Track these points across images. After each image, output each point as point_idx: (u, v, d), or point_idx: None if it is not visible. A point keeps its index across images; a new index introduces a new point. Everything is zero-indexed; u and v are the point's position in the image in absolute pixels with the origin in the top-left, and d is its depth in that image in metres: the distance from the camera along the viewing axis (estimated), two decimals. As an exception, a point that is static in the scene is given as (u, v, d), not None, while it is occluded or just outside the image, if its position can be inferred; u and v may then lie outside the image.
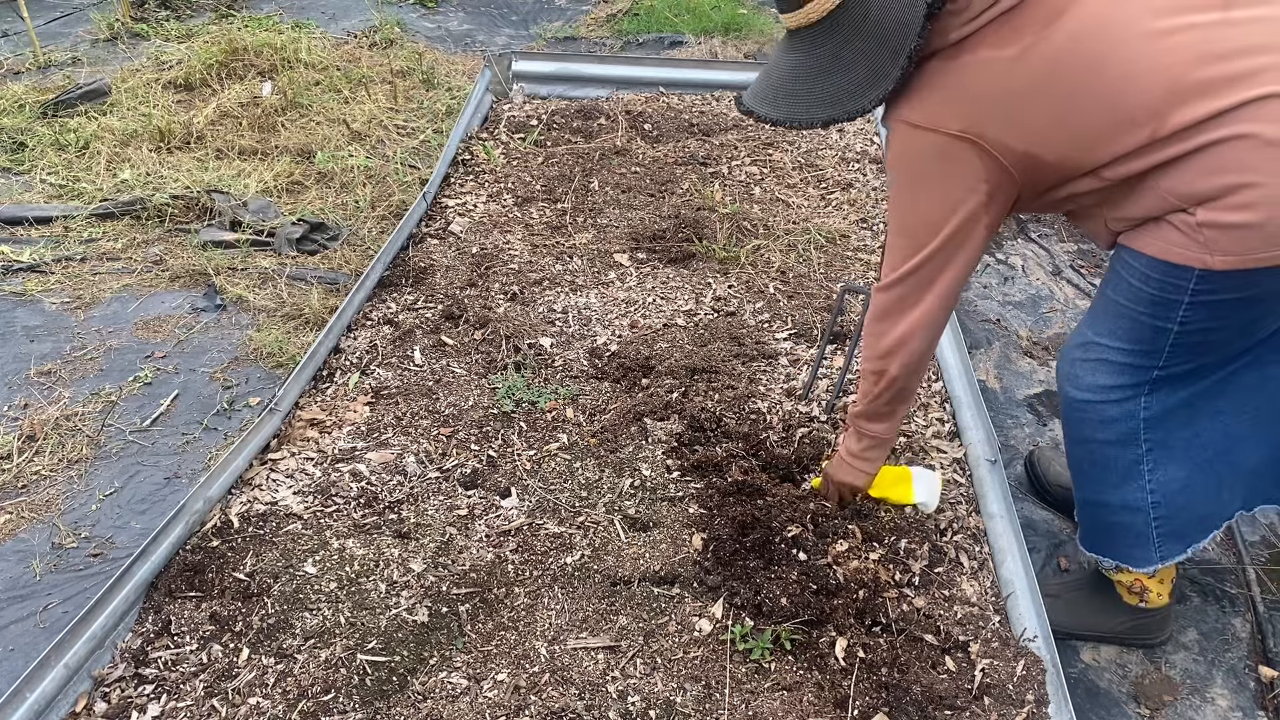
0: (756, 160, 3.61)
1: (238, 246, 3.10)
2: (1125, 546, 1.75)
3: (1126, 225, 1.49)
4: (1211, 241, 1.36)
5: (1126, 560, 1.76)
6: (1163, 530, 1.70)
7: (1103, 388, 1.61)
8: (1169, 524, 1.69)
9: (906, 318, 1.64)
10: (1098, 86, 1.35)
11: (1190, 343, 1.50)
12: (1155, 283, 1.46)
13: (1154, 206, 1.41)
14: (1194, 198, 1.36)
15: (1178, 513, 1.68)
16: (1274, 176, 1.30)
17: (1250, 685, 1.82)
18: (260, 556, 1.87)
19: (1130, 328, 1.54)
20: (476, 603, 1.80)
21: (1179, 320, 1.47)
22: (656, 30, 5.33)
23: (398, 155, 3.67)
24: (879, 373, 1.72)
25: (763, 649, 1.69)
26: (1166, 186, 1.38)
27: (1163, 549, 1.73)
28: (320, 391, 2.39)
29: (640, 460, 2.15)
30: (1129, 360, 1.56)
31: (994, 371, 2.69)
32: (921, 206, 1.54)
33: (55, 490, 2.16)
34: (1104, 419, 1.63)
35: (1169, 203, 1.39)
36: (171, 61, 4.46)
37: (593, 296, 2.78)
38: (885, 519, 1.98)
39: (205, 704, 1.61)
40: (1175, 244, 1.41)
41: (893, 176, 1.57)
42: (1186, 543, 1.72)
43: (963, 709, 1.62)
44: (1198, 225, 1.37)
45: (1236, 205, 1.33)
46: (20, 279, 2.92)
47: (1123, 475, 1.67)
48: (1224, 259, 1.36)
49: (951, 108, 1.43)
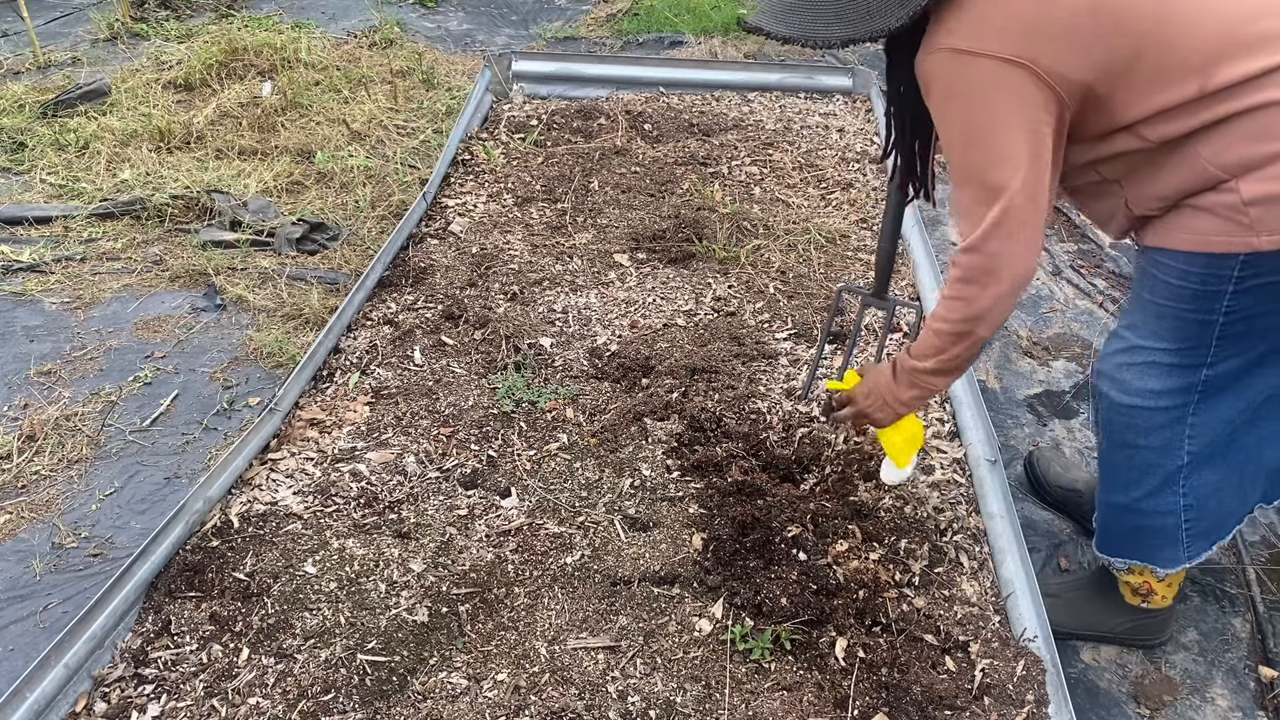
0: (756, 160, 3.61)
1: (238, 246, 3.10)
2: (1154, 549, 1.72)
3: (1151, 207, 1.43)
4: (1258, 221, 1.30)
5: (1154, 561, 1.73)
6: (1192, 531, 1.67)
7: (1153, 392, 1.56)
8: (1198, 525, 1.67)
9: (1001, 276, 1.44)
10: (1156, 25, 1.28)
11: (1235, 333, 1.45)
12: (1196, 277, 1.41)
13: (1189, 180, 1.35)
14: (1239, 166, 1.30)
15: (1208, 514, 1.66)
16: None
17: (1250, 685, 1.82)
18: (260, 556, 1.87)
19: (1174, 327, 1.49)
20: (476, 603, 1.80)
21: (1224, 310, 1.42)
22: (656, 30, 5.33)
23: (398, 155, 3.67)
24: (962, 334, 1.54)
25: (763, 649, 1.69)
26: (1209, 154, 1.32)
27: (1190, 549, 1.70)
28: (320, 391, 2.39)
29: (640, 460, 2.15)
30: (1177, 360, 1.52)
31: (994, 371, 2.69)
32: (991, 143, 1.37)
33: (55, 490, 2.16)
34: (1150, 426, 1.59)
35: (1209, 174, 1.33)
36: (171, 61, 4.46)
37: (593, 296, 2.78)
38: (885, 519, 1.98)
39: (205, 704, 1.61)
40: (1213, 232, 1.36)
41: (947, 118, 1.40)
42: (1212, 540, 1.70)
43: (963, 709, 1.62)
44: (1243, 204, 1.31)
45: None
46: (20, 279, 2.92)
47: (1161, 481, 1.64)
48: (1271, 238, 1.31)
49: (1000, 33, 1.30)
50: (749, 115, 4.04)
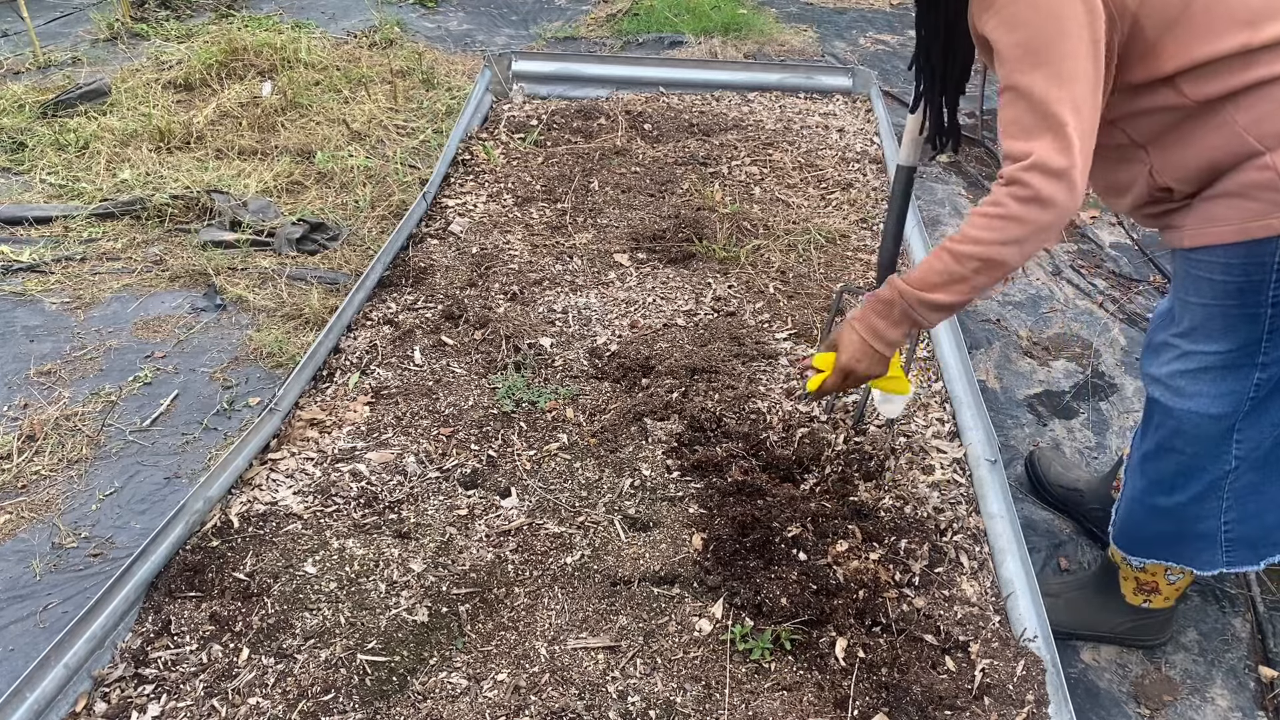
0: (756, 160, 3.61)
1: (238, 246, 3.10)
2: (1193, 552, 1.69)
3: (1176, 177, 1.40)
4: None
5: (1192, 564, 1.70)
6: (1232, 535, 1.64)
7: (1208, 397, 1.53)
8: (1239, 529, 1.64)
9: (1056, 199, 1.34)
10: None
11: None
12: (1238, 269, 1.39)
13: (1221, 151, 1.33)
14: (1276, 138, 1.29)
15: (1249, 518, 1.63)
16: None
17: (1250, 685, 1.82)
18: (260, 556, 1.87)
19: (1223, 327, 1.47)
20: (476, 603, 1.80)
21: (1271, 302, 1.39)
22: (656, 30, 5.33)
23: (398, 155, 3.67)
24: (993, 261, 1.43)
25: (763, 649, 1.69)
26: (1246, 121, 1.30)
27: (1231, 554, 1.66)
28: (320, 391, 2.39)
29: (640, 460, 2.15)
30: (1229, 363, 1.49)
31: (994, 371, 2.69)
32: (1053, 54, 1.30)
33: (55, 490, 2.16)
34: (1201, 432, 1.57)
35: (1243, 145, 1.31)
36: (171, 61, 4.46)
37: (593, 296, 2.78)
38: (885, 519, 1.98)
39: (205, 704, 1.61)
40: (1249, 218, 1.34)
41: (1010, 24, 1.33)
42: (1260, 554, 1.65)
43: (963, 709, 1.62)
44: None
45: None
46: (20, 279, 2.92)
47: (1207, 486, 1.61)
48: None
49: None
50: (749, 115, 4.04)
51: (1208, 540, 1.66)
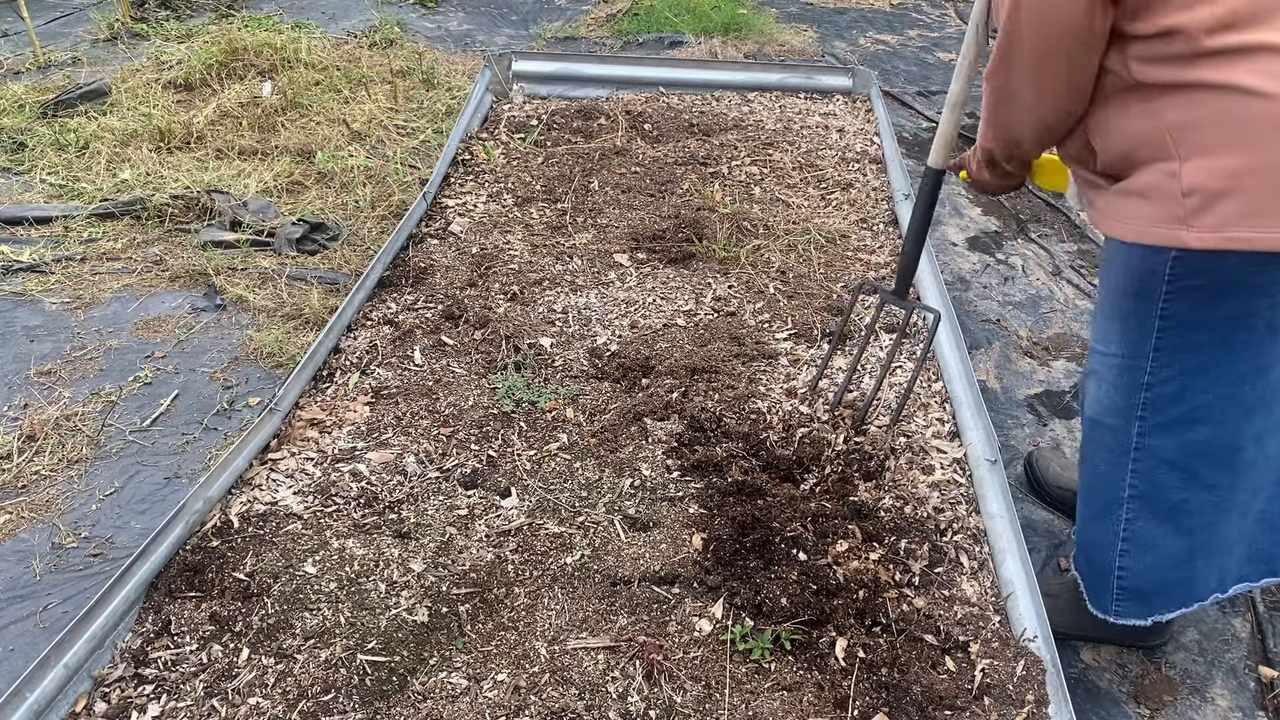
0: (756, 160, 3.61)
1: (238, 246, 3.10)
2: (1090, 577, 1.73)
3: (1103, 145, 1.41)
4: (1192, 214, 1.29)
5: (1089, 595, 1.74)
6: (1125, 584, 1.66)
7: (1100, 403, 1.56)
8: (1131, 579, 1.65)
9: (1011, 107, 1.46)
10: None
11: (1171, 345, 1.43)
12: (1135, 272, 1.41)
13: (1145, 140, 1.34)
14: (1192, 147, 1.29)
15: (1144, 573, 1.63)
16: (1269, 151, 1.23)
17: (1250, 685, 1.82)
18: (260, 556, 1.87)
19: (1121, 330, 1.49)
20: (476, 603, 1.80)
21: (1159, 314, 1.40)
22: (656, 30, 5.33)
23: (398, 155, 3.67)
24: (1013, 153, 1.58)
25: (763, 649, 1.69)
26: (1173, 121, 1.30)
27: (1120, 605, 1.68)
28: (320, 391, 2.39)
29: (640, 460, 2.15)
30: (1121, 368, 1.50)
31: (994, 371, 2.69)
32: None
33: (55, 490, 2.16)
34: (1100, 440, 1.59)
35: (1162, 143, 1.31)
36: (171, 61, 4.46)
37: (593, 296, 2.78)
38: (885, 519, 1.98)
39: (205, 704, 1.61)
40: (1149, 221, 1.34)
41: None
42: (1150, 609, 1.67)
43: (963, 709, 1.62)
44: (1182, 192, 1.30)
45: (1225, 172, 1.26)
46: (20, 279, 2.92)
47: (1103, 506, 1.63)
48: (1200, 235, 1.29)
49: None
50: (749, 115, 4.04)
51: (1102, 574, 1.68)
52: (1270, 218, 1.26)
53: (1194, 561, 1.61)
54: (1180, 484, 1.54)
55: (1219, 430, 1.48)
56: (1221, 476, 1.53)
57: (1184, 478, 1.54)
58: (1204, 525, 1.57)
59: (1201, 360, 1.44)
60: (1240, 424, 1.48)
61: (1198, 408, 1.47)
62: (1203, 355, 1.43)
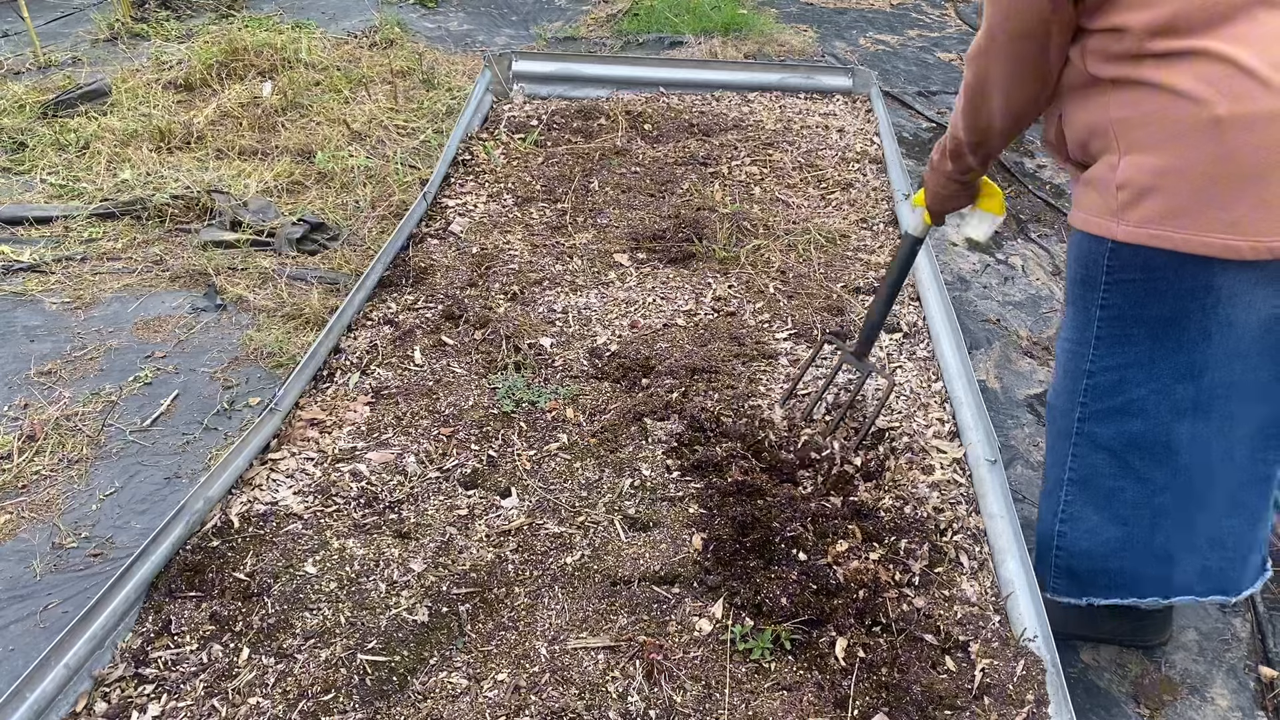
0: (756, 160, 3.61)
1: (238, 246, 3.10)
2: (1037, 555, 1.79)
3: (1069, 132, 1.47)
4: (1123, 207, 1.35)
5: (1036, 569, 1.78)
6: (1060, 562, 1.72)
7: (1055, 386, 1.63)
8: (1066, 559, 1.71)
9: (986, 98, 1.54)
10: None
11: (1111, 335, 1.48)
12: (1082, 259, 1.46)
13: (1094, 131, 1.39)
14: (1131, 143, 1.34)
15: (1079, 555, 1.69)
16: (1192, 154, 1.27)
17: (1250, 685, 1.82)
18: (260, 556, 1.87)
19: (1073, 315, 1.55)
20: (476, 603, 1.80)
21: (1099, 304, 1.46)
22: (656, 30, 5.33)
23: (398, 155, 3.67)
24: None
25: (763, 649, 1.69)
26: (1117, 115, 1.36)
27: (1055, 581, 1.75)
28: (320, 391, 2.39)
29: (640, 460, 2.15)
30: (1070, 349, 1.56)
31: (994, 371, 2.69)
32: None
33: (55, 490, 2.16)
34: (1053, 417, 1.66)
35: (1108, 137, 1.37)
36: (171, 61, 4.46)
37: (593, 296, 2.78)
38: (885, 519, 1.98)
39: (205, 704, 1.61)
40: (1091, 211, 1.40)
41: None
42: (1083, 591, 1.73)
43: (963, 709, 1.62)
44: (1116, 186, 1.35)
45: (1153, 169, 1.31)
46: (20, 279, 2.92)
47: (1052, 482, 1.70)
48: (1128, 229, 1.35)
49: None
50: (749, 115, 4.04)
51: (1045, 552, 1.75)
52: (1189, 218, 1.30)
53: (1127, 553, 1.65)
54: (1115, 472, 1.60)
55: (1151, 425, 1.53)
56: (1154, 471, 1.57)
57: (1119, 466, 1.59)
58: (1138, 519, 1.62)
59: (1136, 354, 1.48)
60: (1171, 422, 1.51)
61: (1132, 400, 1.52)
62: (1138, 349, 1.48)
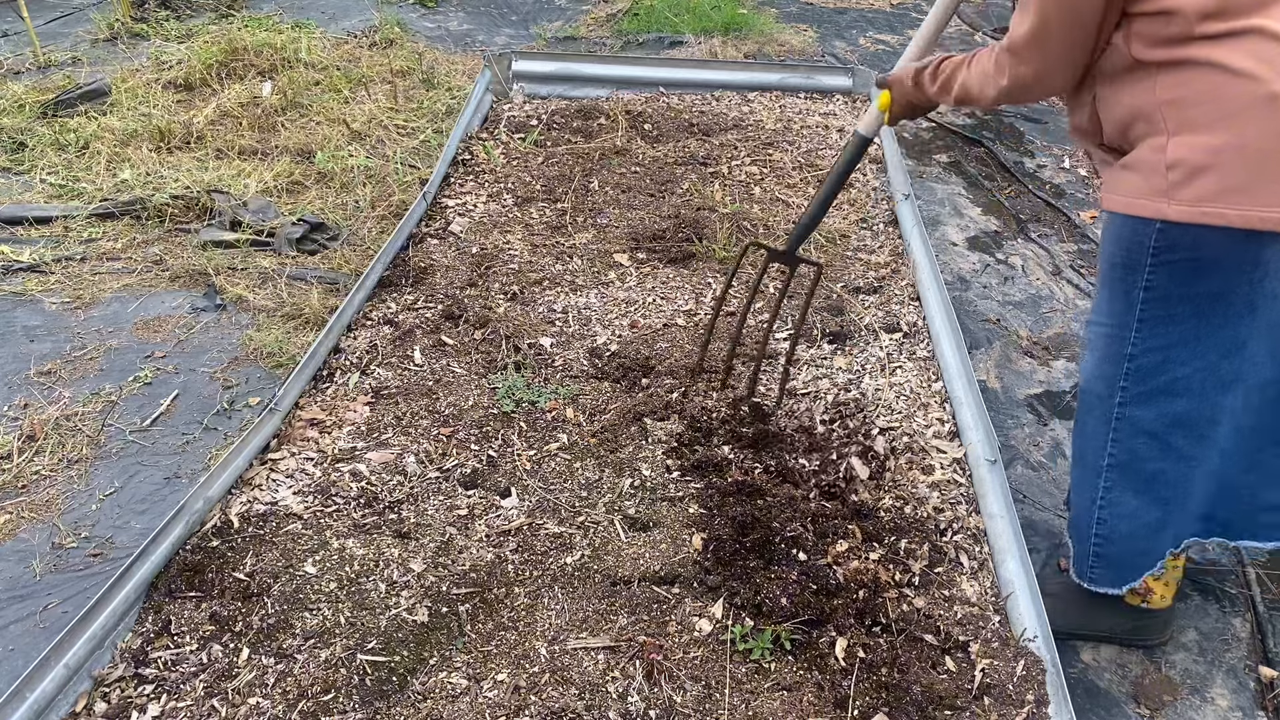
0: (756, 160, 3.61)
1: (238, 246, 3.10)
2: (1075, 546, 1.78)
3: (1107, 118, 1.46)
4: (1174, 186, 1.35)
5: (1073, 560, 1.78)
6: (1099, 551, 1.71)
7: (1089, 372, 1.62)
8: (1105, 546, 1.70)
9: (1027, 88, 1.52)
10: None
11: (1154, 316, 1.48)
12: (1124, 243, 1.45)
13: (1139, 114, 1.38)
14: (1180, 122, 1.34)
15: (1118, 540, 1.69)
16: (1249, 130, 1.28)
17: (1250, 685, 1.82)
18: (260, 556, 1.87)
19: (1109, 298, 1.54)
20: (476, 603, 1.80)
21: (1143, 285, 1.45)
22: (656, 30, 5.33)
23: (398, 155, 3.67)
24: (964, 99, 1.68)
25: (763, 649, 1.69)
26: (1165, 97, 1.35)
27: (1095, 571, 1.74)
28: (320, 391, 2.39)
29: (640, 460, 2.15)
30: (1108, 338, 1.55)
31: (994, 371, 2.69)
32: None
33: (55, 490, 2.16)
34: (1088, 407, 1.64)
35: (1155, 119, 1.36)
36: (171, 61, 4.46)
37: (593, 296, 2.78)
38: (885, 519, 1.98)
39: (205, 704, 1.61)
40: (1135, 193, 1.40)
41: None
42: (1121, 577, 1.73)
43: (963, 709, 1.62)
44: (1166, 165, 1.35)
45: (1207, 148, 1.31)
46: (20, 279, 2.92)
47: (1086, 472, 1.68)
48: (1180, 208, 1.35)
49: None
50: (749, 115, 4.04)
51: (1083, 542, 1.74)
52: (1246, 195, 1.31)
53: (1166, 530, 1.66)
54: (1156, 454, 1.59)
55: (1197, 403, 1.53)
56: (1195, 448, 1.57)
57: (1160, 448, 1.58)
58: (1177, 497, 1.62)
59: (1182, 333, 1.48)
60: (1217, 397, 1.52)
61: (1177, 380, 1.52)
62: (1183, 328, 1.48)
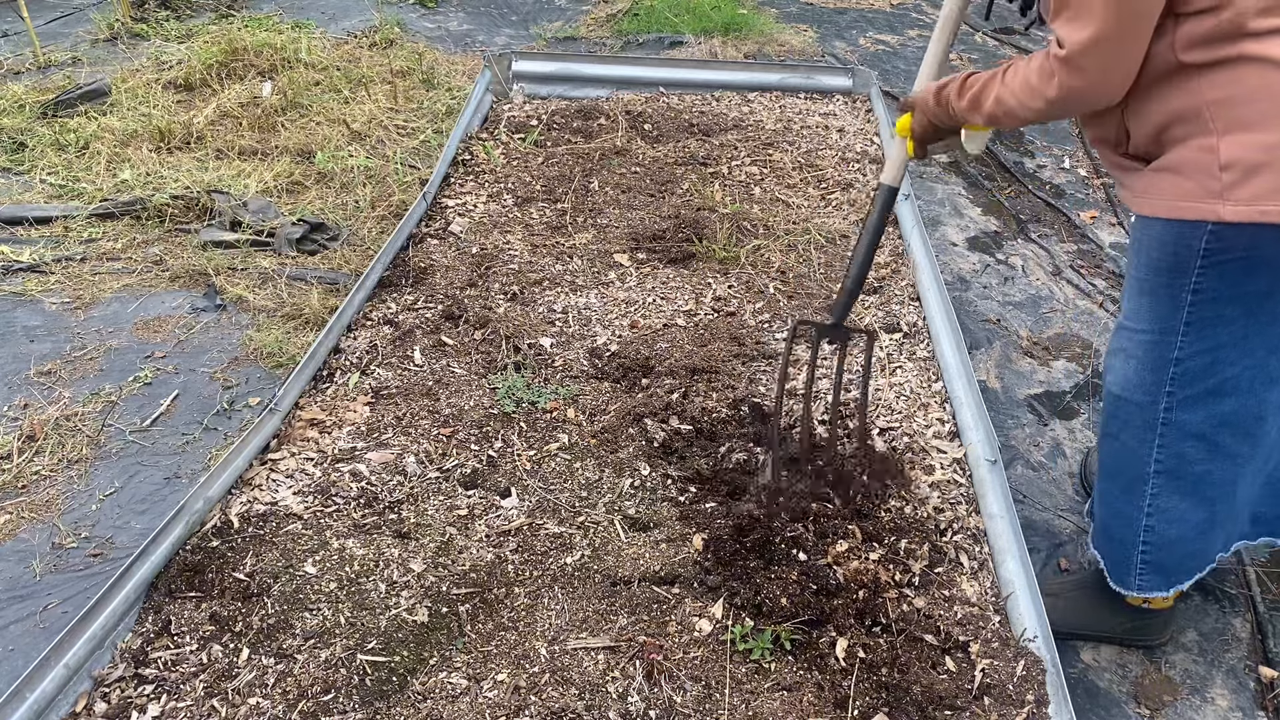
0: (756, 160, 3.61)
1: (238, 246, 3.10)
2: (1112, 555, 1.75)
3: (1137, 125, 1.42)
4: (1229, 187, 1.31)
5: (1110, 572, 1.76)
6: (1147, 558, 1.69)
7: (1129, 381, 1.57)
8: (1154, 553, 1.68)
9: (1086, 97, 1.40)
10: None
11: (1203, 318, 1.45)
12: (1169, 247, 1.42)
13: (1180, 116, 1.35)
14: (1230, 122, 1.31)
15: (1167, 545, 1.66)
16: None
17: (1250, 685, 1.82)
18: (260, 556, 1.87)
19: (1151, 305, 1.50)
20: (476, 603, 1.80)
21: (1192, 289, 1.42)
22: (656, 30, 5.33)
23: (398, 155, 3.67)
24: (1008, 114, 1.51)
25: (763, 649, 1.69)
26: (1212, 98, 1.32)
27: (1143, 579, 1.71)
28: (320, 391, 2.39)
29: (640, 460, 2.15)
30: (1151, 344, 1.52)
31: (994, 371, 2.69)
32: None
33: (55, 490, 2.16)
34: (1128, 418, 1.61)
35: (1199, 118, 1.33)
36: (171, 61, 4.46)
37: (593, 296, 2.78)
38: (885, 519, 1.98)
39: (205, 704, 1.61)
40: (1184, 197, 1.36)
41: None
42: (1170, 581, 1.70)
43: (963, 709, 1.62)
44: (1219, 166, 1.32)
45: (1262, 145, 1.28)
46: (20, 279, 2.92)
47: (1129, 481, 1.65)
48: (1236, 208, 1.31)
49: None
50: (749, 115, 4.04)
51: (1126, 551, 1.70)
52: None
53: (1213, 531, 1.65)
54: (1205, 456, 1.57)
55: (1245, 401, 1.52)
56: (1243, 446, 1.56)
57: (1208, 449, 1.56)
58: (1224, 495, 1.61)
59: (1231, 333, 1.46)
60: (1265, 393, 1.51)
61: (1226, 380, 1.50)
62: (1233, 328, 1.46)
